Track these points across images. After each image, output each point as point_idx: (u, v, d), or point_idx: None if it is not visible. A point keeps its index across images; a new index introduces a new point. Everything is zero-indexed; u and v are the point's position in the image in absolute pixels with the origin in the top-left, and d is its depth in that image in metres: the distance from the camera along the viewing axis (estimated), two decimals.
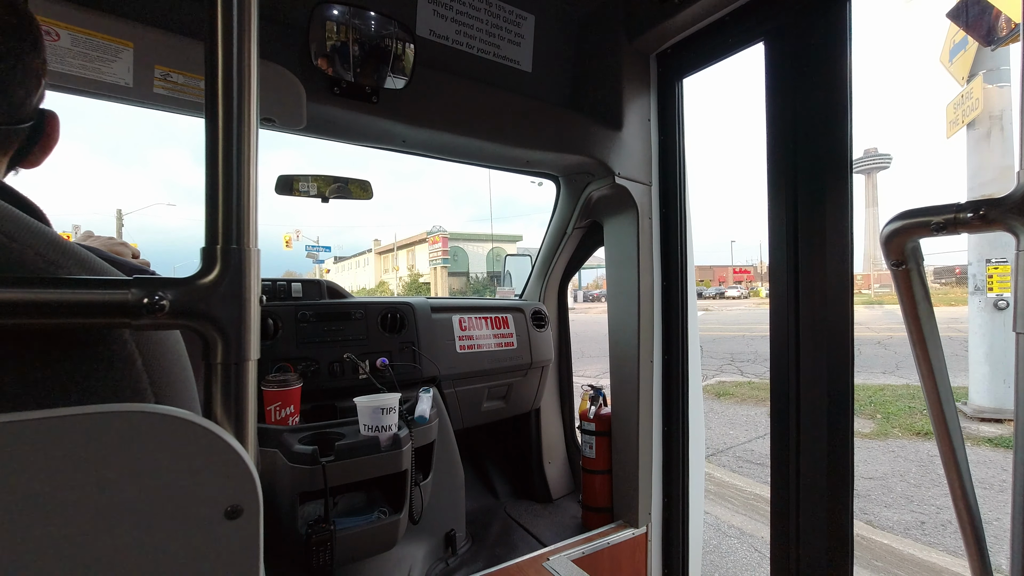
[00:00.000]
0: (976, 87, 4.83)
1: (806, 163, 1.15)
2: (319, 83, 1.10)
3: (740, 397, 6.21)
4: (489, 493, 2.02)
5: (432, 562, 1.44)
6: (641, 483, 1.57)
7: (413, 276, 33.66)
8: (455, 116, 1.29)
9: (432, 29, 1.31)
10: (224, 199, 0.41)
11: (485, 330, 1.75)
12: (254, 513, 0.40)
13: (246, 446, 0.41)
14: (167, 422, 0.37)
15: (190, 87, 0.96)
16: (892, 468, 3.85)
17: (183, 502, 0.37)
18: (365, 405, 1.11)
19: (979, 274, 4.89)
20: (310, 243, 27.24)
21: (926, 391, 0.67)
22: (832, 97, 1.10)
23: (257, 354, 0.43)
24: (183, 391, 0.46)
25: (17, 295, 0.35)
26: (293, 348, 1.35)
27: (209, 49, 0.41)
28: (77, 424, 0.34)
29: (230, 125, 0.41)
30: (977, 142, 4.97)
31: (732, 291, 49.63)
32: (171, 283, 0.39)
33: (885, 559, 2.60)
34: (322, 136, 1.29)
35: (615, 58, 1.49)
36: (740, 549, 2.75)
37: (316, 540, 1.02)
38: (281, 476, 1.04)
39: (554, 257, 1.94)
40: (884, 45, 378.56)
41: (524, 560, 1.44)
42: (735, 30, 1.30)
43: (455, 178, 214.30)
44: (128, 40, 0.89)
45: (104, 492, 0.35)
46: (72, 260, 0.41)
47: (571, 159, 1.51)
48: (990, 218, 0.53)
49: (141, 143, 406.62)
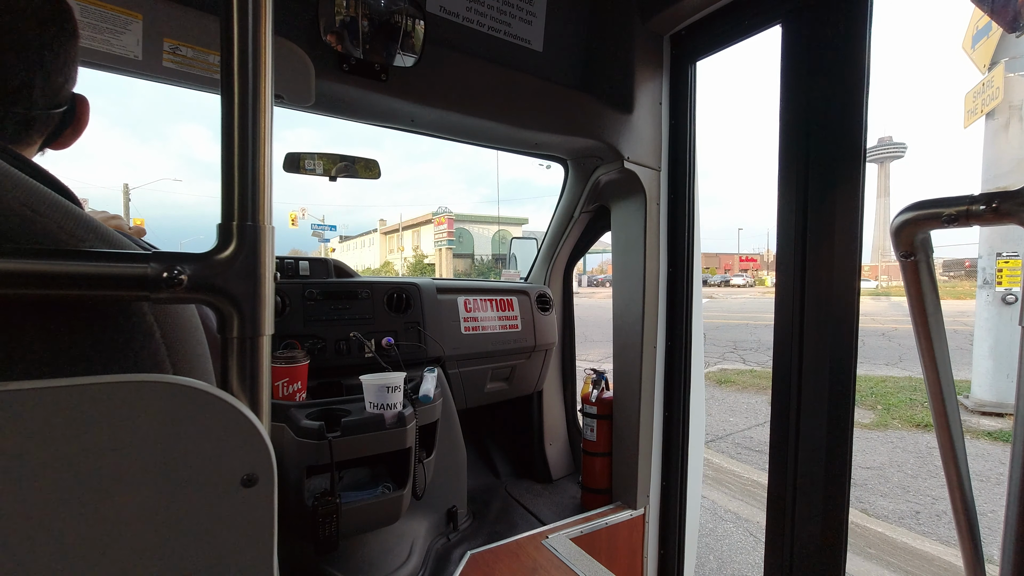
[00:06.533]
0: (997, 75, 4.70)
1: (819, 150, 1.13)
2: (328, 60, 1.09)
3: (741, 385, 6.23)
4: (490, 472, 2.06)
5: (434, 537, 1.47)
6: (640, 466, 1.59)
7: (418, 257, 33.65)
8: (464, 96, 1.28)
9: (442, 5, 1.29)
10: (240, 176, 0.41)
11: (490, 312, 1.76)
12: (269, 481, 0.41)
13: (260, 417, 0.42)
14: (186, 392, 0.38)
15: (199, 61, 0.95)
16: (890, 458, 3.88)
17: (201, 469, 0.39)
18: (371, 383, 1.13)
19: (989, 268, 4.83)
20: (316, 222, 27.22)
21: (928, 383, 0.67)
22: (849, 83, 1.07)
23: (271, 329, 0.44)
24: (200, 364, 0.48)
25: (41, 266, 0.35)
26: (300, 325, 1.36)
27: (224, 25, 0.40)
28: (101, 392, 0.35)
29: (245, 101, 0.41)
30: (995, 132, 4.86)
31: (737, 279, 49.39)
32: (189, 258, 0.40)
33: (879, 547, 2.64)
34: (330, 114, 1.28)
35: (628, 39, 1.46)
36: (735, 533, 2.80)
37: (322, 512, 1.05)
38: (289, 450, 1.06)
39: (560, 241, 1.94)
40: (904, 29, 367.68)
41: (524, 537, 1.48)
42: (752, 11, 1.27)
43: (470, 159, 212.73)
44: (137, 12, 0.88)
45: (126, 458, 0.36)
46: (94, 234, 0.42)
47: (580, 142, 1.50)
48: (1003, 211, 0.52)
49: (161, 117, 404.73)
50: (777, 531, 1.24)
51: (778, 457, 1.23)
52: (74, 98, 0.55)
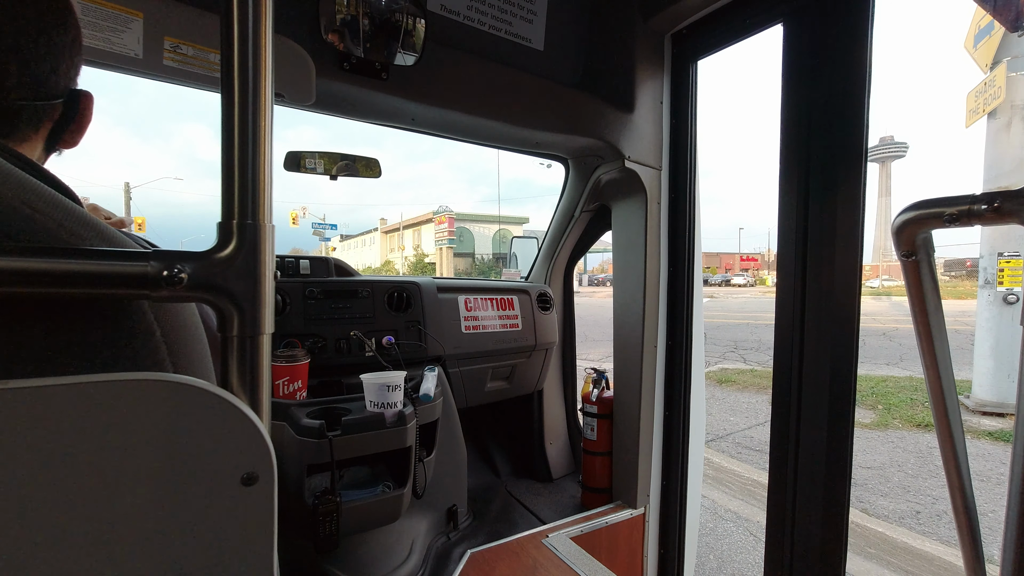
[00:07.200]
0: (999, 75, 4.69)
1: (820, 150, 1.13)
2: (328, 58, 1.09)
3: (742, 384, 6.23)
4: (491, 471, 2.06)
5: (434, 535, 1.47)
6: (641, 465, 1.59)
7: (419, 256, 33.65)
8: (464, 94, 1.27)
9: (443, 4, 1.29)
10: (240, 174, 0.41)
11: (490, 311, 1.76)
12: (269, 480, 0.41)
13: (261, 416, 0.42)
14: (186, 391, 0.38)
15: (199, 59, 0.95)
16: (891, 458, 3.87)
17: (201, 468, 0.39)
18: (371, 382, 1.13)
19: (990, 267, 4.83)
20: (316, 220, 27.23)
21: (929, 382, 0.67)
22: (850, 82, 1.07)
23: (271, 328, 0.44)
24: (200, 363, 0.48)
25: (42, 265, 0.35)
26: (300, 324, 1.37)
27: (224, 22, 0.40)
28: (101, 391, 0.35)
29: (245, 100, 0.41)
30: (997, 132, 4.85)
31: (738, 279, 49.36)
32: (189, 256, 0.40)
33: (879, 546, 2.64)
34: (331, 112, 1.28)
35: (629, 38, 1.46)
36: (736, 532, 2.80)
37: (323, 510, 1.05)
38: (289, 448, 1.06)
39: (561, 240, 1.93)
40: (905, 28, 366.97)
41: (524, 536, 1.48)
42: (754, 10, 1.26)
43: (471, 158, 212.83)
44: (138, 10, 0.88)
45: (126, 456, 0.36)
46: (94, 233, 0.42)
47: (581, 141, 1.50)
48: (1005, 211, 0.52)
49: (163, 116, 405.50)
50: (777, 531, 1.24)
51: (778, 457, 1.23)
52: (75, 94, 0.54)
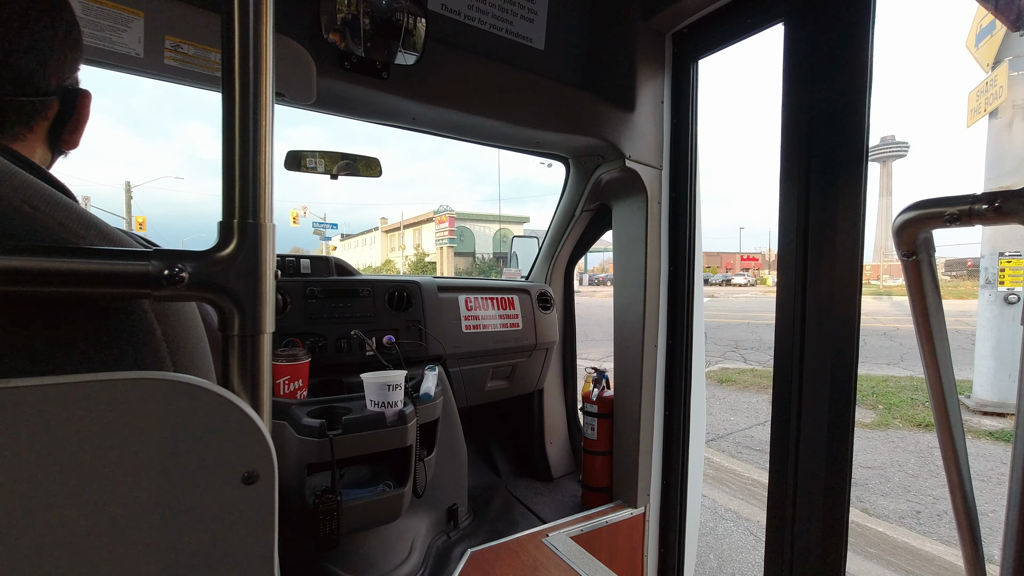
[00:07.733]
0: (1001, 74, 4.68)
1: (821, 149, 1.13)
2: (329, 57, 1.09)
3: (742, 384, 6.23)
4: (491, 470, 2.06)
5: (435, 535, 1.47)
6: (641, 465, 1.59)
7: (419, 255, 33.66)
8: (465, 94, 1.27)
9: (444, 3, 1.29)
10: (241, 174, 0.41)
11: (491, 311, 1.76)
12: (269, 479, 0.41)
13: (261, 415, 0.42)
14: (187, 390, 0.38)
15: (200, 58, 0.95)
16: (891, 458, 3.87)
17: (202, 467, 0.39)
18: (372, 381, 1.13)
19: (991, 267, 4.82)
20: (317, 220, 27.23)
21: (929, 382, 0.67)
22: (851, 81, 1.07)
23: (272, 327, 0.44)
24: (200, 362, 0.48)
25: (42, 263, 0.36)
26: (301, 323, 1.37)
27: (225, 21, 0.40)
28: (102, 389, 0.35)
29: (246, 99, 0.41)
30: (998, 132, 4.84)
31: (739, 278, 49.32)
32: (190, 256, 0.40)
33: (879, 546, 2.64)
34: (332, 111, 1.28)
35: (630, 37, 1.45)
36: (736, 532, 2.80)
37: (323, 509, 1.05)
38: (290, 447, 1.06)
39: (561, 239, 1.93)
40: (907, 27, 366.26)
41: (524, 535, 1.48)
42: (755, 9, 1.26)
43: (472, 158, 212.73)
44: (138, 9, 0.88)
45: (127, 455, 0.36)
46: (94, 231, 0.42)
47: (581, 140, 1.50)
48: (1006, 210, 0.52)
49: (164, 115, 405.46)
50: (777, 530, 1.24)
51: (779, 456, 1.23)
52: (71, 92, 0.53)
